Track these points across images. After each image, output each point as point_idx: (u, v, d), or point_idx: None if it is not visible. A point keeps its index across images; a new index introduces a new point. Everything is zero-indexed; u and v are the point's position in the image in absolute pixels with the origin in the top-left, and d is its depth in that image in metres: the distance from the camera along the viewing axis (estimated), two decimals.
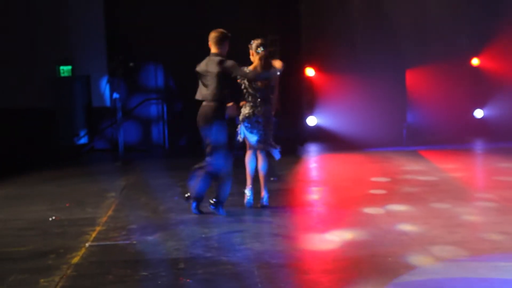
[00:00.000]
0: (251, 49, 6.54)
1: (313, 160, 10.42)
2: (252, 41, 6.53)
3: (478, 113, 12.70)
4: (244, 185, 6.76)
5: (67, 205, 7.06)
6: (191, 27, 11.10)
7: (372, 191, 7.48)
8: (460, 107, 12.47)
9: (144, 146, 11.64)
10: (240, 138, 6.62)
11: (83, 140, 11.56)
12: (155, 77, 11.96)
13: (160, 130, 11.88)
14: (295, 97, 11.58)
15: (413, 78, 12.22)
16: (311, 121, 11.79)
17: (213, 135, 6.21)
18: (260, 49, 6.45)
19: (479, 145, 11.73)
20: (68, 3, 11.66)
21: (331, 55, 11.76)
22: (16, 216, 6.54)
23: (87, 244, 5.37)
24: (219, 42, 6.29)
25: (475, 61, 12.56)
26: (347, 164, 9.93)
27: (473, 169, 9.44)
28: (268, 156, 6.68)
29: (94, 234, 5.71)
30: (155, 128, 11.93)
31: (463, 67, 12.42)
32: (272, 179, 7.82)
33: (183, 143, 11.94)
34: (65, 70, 11.61)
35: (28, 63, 11.35)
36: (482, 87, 12.60)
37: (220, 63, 6.19)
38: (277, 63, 6.49)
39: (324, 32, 11.91)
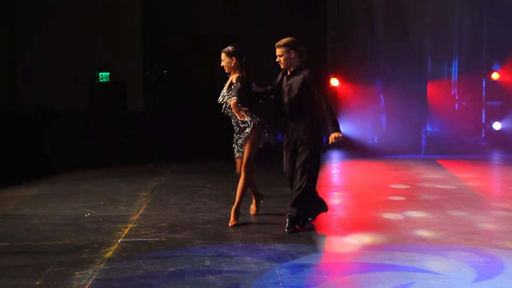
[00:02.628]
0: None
1: (336, 166, 10.37)
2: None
3: (496, 126, 12.51)
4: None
5: (102, 203, 7.13)
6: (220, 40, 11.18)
7: (392, 198, 7.42)
8: (478, 119, 12.33)
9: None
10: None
11: None
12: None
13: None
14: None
15: (433, 90, 12.11)
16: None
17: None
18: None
19: (496, 156, 11.53)
20: (109, 10, 11.80)
21: (354, 65, 11.71)
22: (53, 212, 6.62)
23: (119, 240, 5.41)
24: None
25: (495, 75, 12.38)
26: (368, 170, 9.87)
27: (490, 178, 9.31)
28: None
29: (126, 231, 5.75)
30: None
31: (482, 81, 12.27)
32: None
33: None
34: (103, 76, 11.73)
35: (68, 68, 11.52)
36: (501, 100, 12.42)
37: None
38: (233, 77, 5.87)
39: (349, 44, 11.88)
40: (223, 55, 5.86)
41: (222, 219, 6.25)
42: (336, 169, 10.09)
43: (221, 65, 5.91)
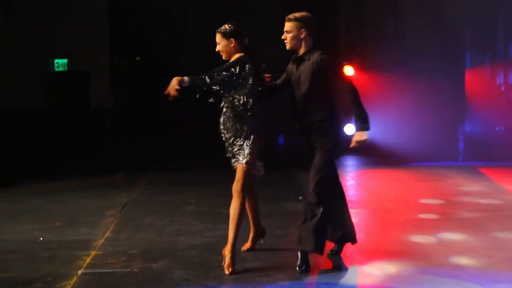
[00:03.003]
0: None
1: (351, 176, 10.36)
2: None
3: None
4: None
5: (58, 224, 7.09)
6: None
7: (422, 216, 7.41)
8: None
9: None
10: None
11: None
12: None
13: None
14: None
15: (473, 80, 12.11)
16: (350, 129, 11.71)
17: None
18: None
19: None
20: None
21: (374, 50, 11.73)
22: None
23: (79, 272, 5.37)
24: None
25: None
26: (391, 181, 9.89)
27: None
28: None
29: (88, 260, 5.71)
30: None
31: None
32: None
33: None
34: (60, 64, 11.74)
35: (16, 56, 11.50)
36: None
37: None
38: None
39: (367, 23, 11.90)
40: (218, 37, 5.50)
41: (209, 243, 6.23)
42: (351, 180, 10.08)
43: (217, 49, 5.58)
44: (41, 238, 6.47)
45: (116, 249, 6.05)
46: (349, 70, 11.85)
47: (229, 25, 5.46)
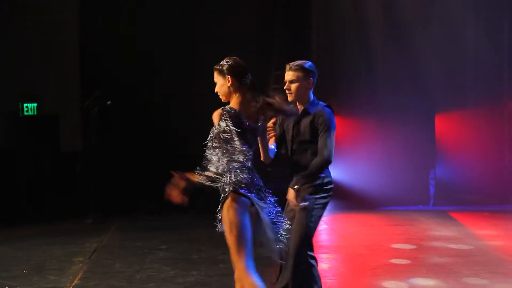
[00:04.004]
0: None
1: (324, 221, 10.34)
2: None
3: None
4: None
5: (24, 272, 6.99)
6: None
7: (393, 261, 7.43)
8: (500, 159, 12.41)
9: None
10: None
11: None
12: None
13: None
14: None
15: (443, 124, 12.22)
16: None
17: None
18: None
19: None
20: (40, 27, 11.84)
21: (345, 94, 11.79)
22: None
23: None
24: None
25: None
26: (362, 226, 9.89)
27: None
28: None
29: None
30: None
31: (504, 113, 12.43)
32: None
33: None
34: (29, 107, 11.67)
35: None
36: None
37: None
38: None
39: (337, 67, 12.00)
40: (215, 75, 4.77)
41: None
42: (324, 224, 10.06)
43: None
44: (7, 287, 6.36)
45: None
46: None
47: (226, 60, 4.73)
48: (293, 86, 5.12)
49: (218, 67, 4.70)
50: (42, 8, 11.95)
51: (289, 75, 5.15)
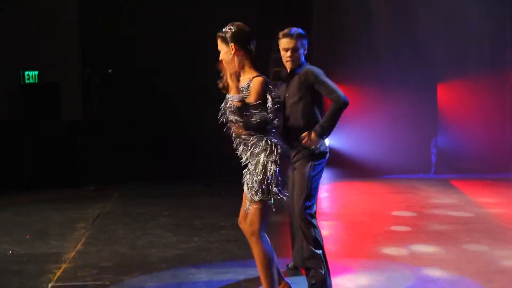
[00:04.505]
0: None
1: (324, 189, 10.37)
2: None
3: None
4: None
5: (27, 237, 7.03)
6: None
7: (394, 228, 7.46)
8: (502, 128, 12.42)
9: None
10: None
11: None
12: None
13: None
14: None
15: (445, 94, 12.21)
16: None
17: None
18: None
19: None
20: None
21: (346, 63, 11.75)
22: None
23: (49, 285, 5.33)
24: None
25: None
26: (364, 194, 9.93)
27: None
28: None
29: (58, 273, 5.68)
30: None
31: (506, 84, 12.41)
32: None
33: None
34: (30, 76, 11.67)
35: None
36: None
37: None
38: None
39: (338, 35, 11.96)
40: (218, 43, 4.52)
41: (182, 255, 6.24)
42: (325, 192, 10.11)
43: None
44: (11, 251, 6.42)
45: (87, 262, 6.02)
46: None
47: (230, 27, 4.47)
48: (296, 54, 5.12)
49: (221, 34, 4.46)
50: None
51: (289, 43, 5.11)
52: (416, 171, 11.44)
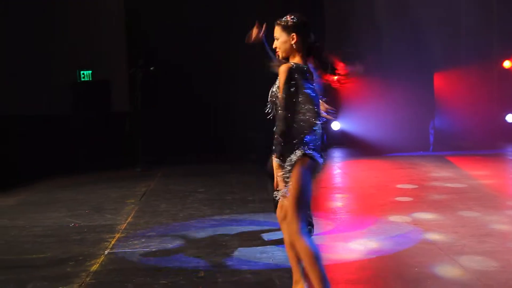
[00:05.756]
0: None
1: (337, 166, 10.37)
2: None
3: (510, 118, 12.51)
4: None
5: (87, 211, 7.11)
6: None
7: (398, 198, 7.44)
8: (491, 111, 12.30)
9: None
10: None
11: None
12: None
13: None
14: None
15: (441, 81, 12.09)
16: (335, 125, 11.71)
17: None
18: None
19: (510, 151, 11.55)
20: (87, 6, 11.82)
21: (355, 56, 11.65)
22: (34, 223, 6.59)
23: (106, 252, 5.40)
24: None
25: (507, 63, 12.39)
26: (372, 170, 9.89)
27: (504, 175, 9.29)
28: None
29: (113, 241, 5.74)
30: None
31: (494, 70, 12.26)
32: None
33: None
34: (85, 74, 11.76)
35: (46, 68, 11.50)
36: None
37: None
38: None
39: (347, 32, 11.83)
40: (277, 30, 3.92)
41: (217, 225, 6.27)
42: (338, 169, 10.09)
43: (274, 46, 3.99)
44: (73, 224, 6.50)
45: (137, 232, 6.08)
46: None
47: (292, 16, 3.90)
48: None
49: (281, 22, 3.88)
50: None
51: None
52: (416, 149, 11.35)
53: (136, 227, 6.31)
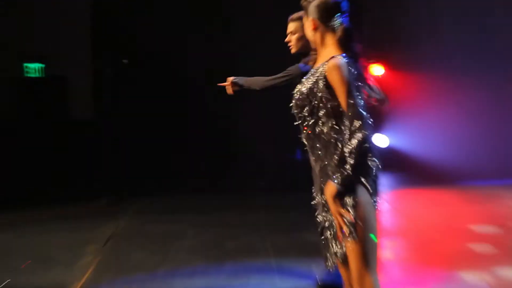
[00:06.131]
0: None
1: (385, 198, 10.20)
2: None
3: None
4: None
5: (28, 262, 7.01)
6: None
7: (473, 246, 7.33)
8: None
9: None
10: None
11: None
12: None
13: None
14: None
15: None
16: (381, 141, 11.63)
17: None
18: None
19: None
20: None
21: (409, 46, 11.69)
22: None
23: None
24: None
25: None
26: (434, 204, 9.86)
27: None
28: None
29: None
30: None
31: None
32: None
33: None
34: (34, 69, 11.82)
35: None
36: None
37: None
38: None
39: (398, 13, 11.87)
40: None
41: (213, 286, 6.22)
42: (385, 203, 9.96)
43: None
44: (4, 283, 6.35)
45: None
46: (377, 70, 11.75)
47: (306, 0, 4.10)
48: (293, 38, 5.39)
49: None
50: None
51: (289, 27, 5.38)
52: (499, 176, 11.23)
53: (96, 287, 6.23)
